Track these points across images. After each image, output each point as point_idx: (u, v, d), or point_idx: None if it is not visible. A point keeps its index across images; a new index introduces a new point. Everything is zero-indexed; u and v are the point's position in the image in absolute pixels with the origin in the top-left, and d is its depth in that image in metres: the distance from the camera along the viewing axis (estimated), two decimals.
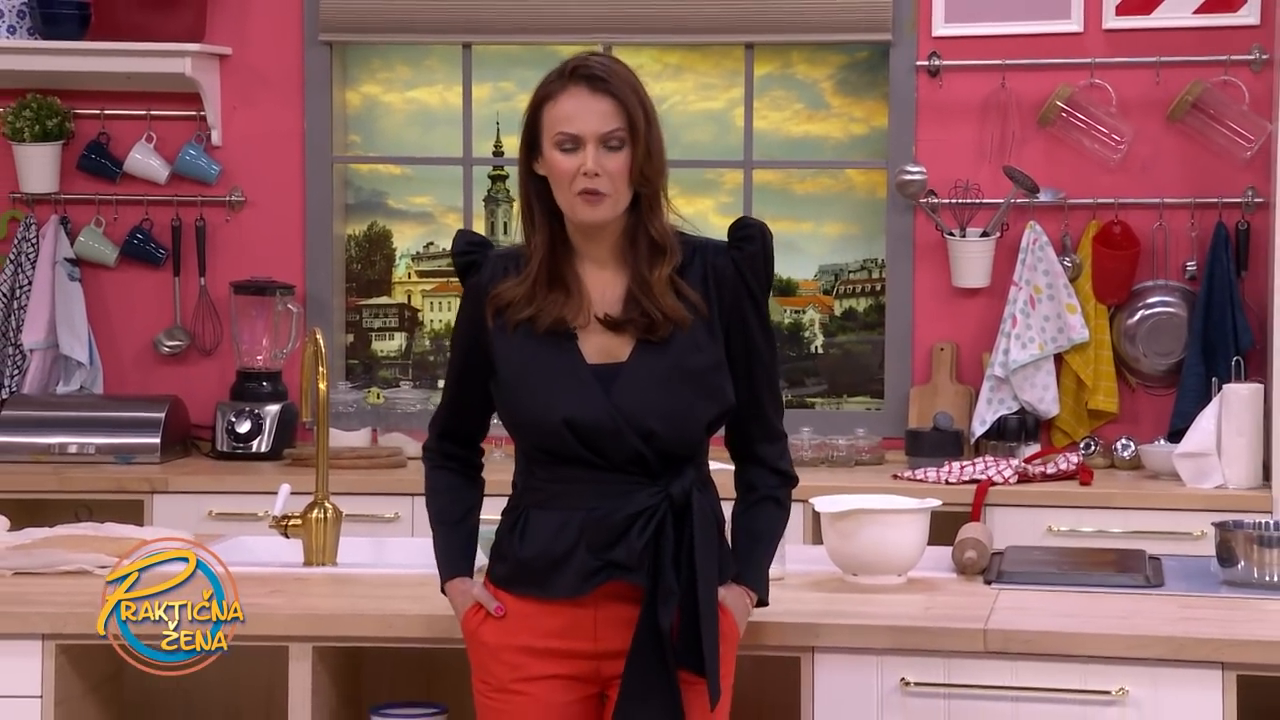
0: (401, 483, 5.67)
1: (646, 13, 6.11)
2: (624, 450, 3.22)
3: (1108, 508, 5.45)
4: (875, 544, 3.95)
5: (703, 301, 3.27)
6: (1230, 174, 5.90)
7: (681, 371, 3.25)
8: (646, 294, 3.25)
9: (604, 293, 3.28)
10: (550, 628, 3.26)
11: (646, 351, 3.25)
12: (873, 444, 5.89)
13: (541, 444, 3.26)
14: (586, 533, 3.23)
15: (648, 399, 3.23)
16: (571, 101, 3.24)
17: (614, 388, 3.23)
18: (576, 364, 3.25)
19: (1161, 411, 5.95)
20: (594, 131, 3.23)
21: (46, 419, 6.01)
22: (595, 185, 3.21)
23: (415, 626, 3.73)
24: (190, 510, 5.58)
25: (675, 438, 3.24)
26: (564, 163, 3.23)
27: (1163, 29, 5.93)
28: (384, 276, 6.51)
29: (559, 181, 3.24)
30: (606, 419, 3.22)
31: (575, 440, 3.22)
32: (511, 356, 3.28)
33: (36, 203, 6.32)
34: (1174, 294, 5.95)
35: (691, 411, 3.25)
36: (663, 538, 3.22)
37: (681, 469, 3.25)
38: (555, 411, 3.22)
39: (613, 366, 3.25)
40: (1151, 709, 3.54)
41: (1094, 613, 3.74)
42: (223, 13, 6.25)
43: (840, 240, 6.33)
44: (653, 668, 3.19)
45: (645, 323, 3.24)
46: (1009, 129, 6.01)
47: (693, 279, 3.28)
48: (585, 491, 3.25)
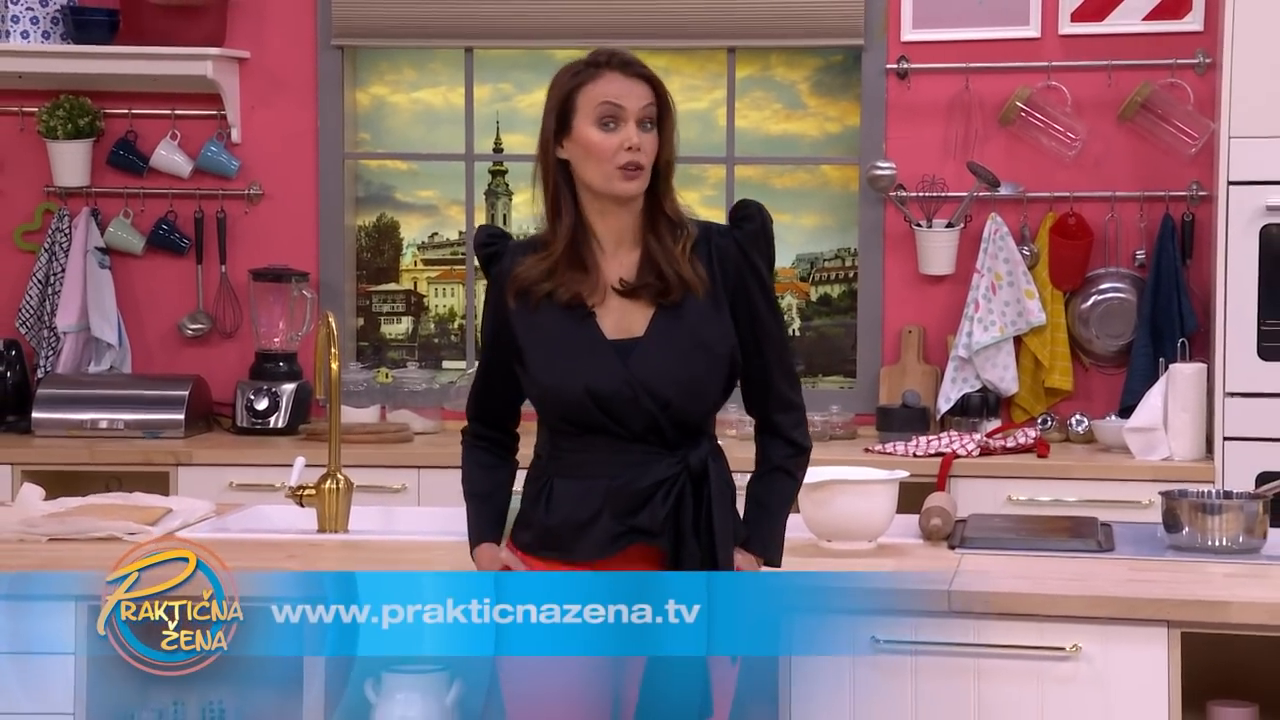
0: (408, 456, 5.68)
1: (635, 19, 6.10)
2: (641, 418, 3.21)
3: (1063, 478, 5.46)
4: (848, 512, 3.95)
5: (709, 279, 3.26)
6: (1176, 169, 5.90)
7: (694, 343, 3.23)
8: (666, 258, 3.22)
9: (620, 267, 3.26)
10: None
11: (661, 325, 3.23)
12: (846, 420, 5.90)
13: (565, 414, 3.24)
14: (610, 500, 3.22)
15: (663, 369, 3.21)
16: (613, 82, 3.21)
17: (631, 359, 3.21)
18: (596, 338, 3.23)
19: (1112, 389, 5.96)
20: (635, 107, 3.20)
21: (79, 397, 6.01)
22: (636, 159, 3.19)
23: None
24: (212, 481, 5.58)
25: (689, 406, 3.22)
26: (605, 140, 3.19)
27: (1114, 34, 5.93)
28: (392, 265, 6.51)
29: (599, 156, 3.19)
30: (625, 388, 3.20)
31: (596, 409, 3.20)
32: (535, 333, 3.25)
33: (69, 196, 6.31)
34: (1124, 281, 5.96)
35: (705, 381, 3.24)
36: (683, 505, 3.21)
37: (697, 439, 3.25)
38: (577, 382, 3.21)
39: (630, 340, 3.23)
40: (1103, 664, 3.54)
41: (1050, 575, 3.74)
42: (242, 19, 6.24)
43: (816, 231, 6.33)
44: None
45: (659, 286, 3.22)
46: (972, 127, 6.01)
47: (700, 257, 3.26)
48: (607, 460, 3.23)
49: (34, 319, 6.26)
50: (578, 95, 3.22)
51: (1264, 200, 5.34)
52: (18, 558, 3.94)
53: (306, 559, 3.94)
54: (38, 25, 6.09)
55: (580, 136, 3.21)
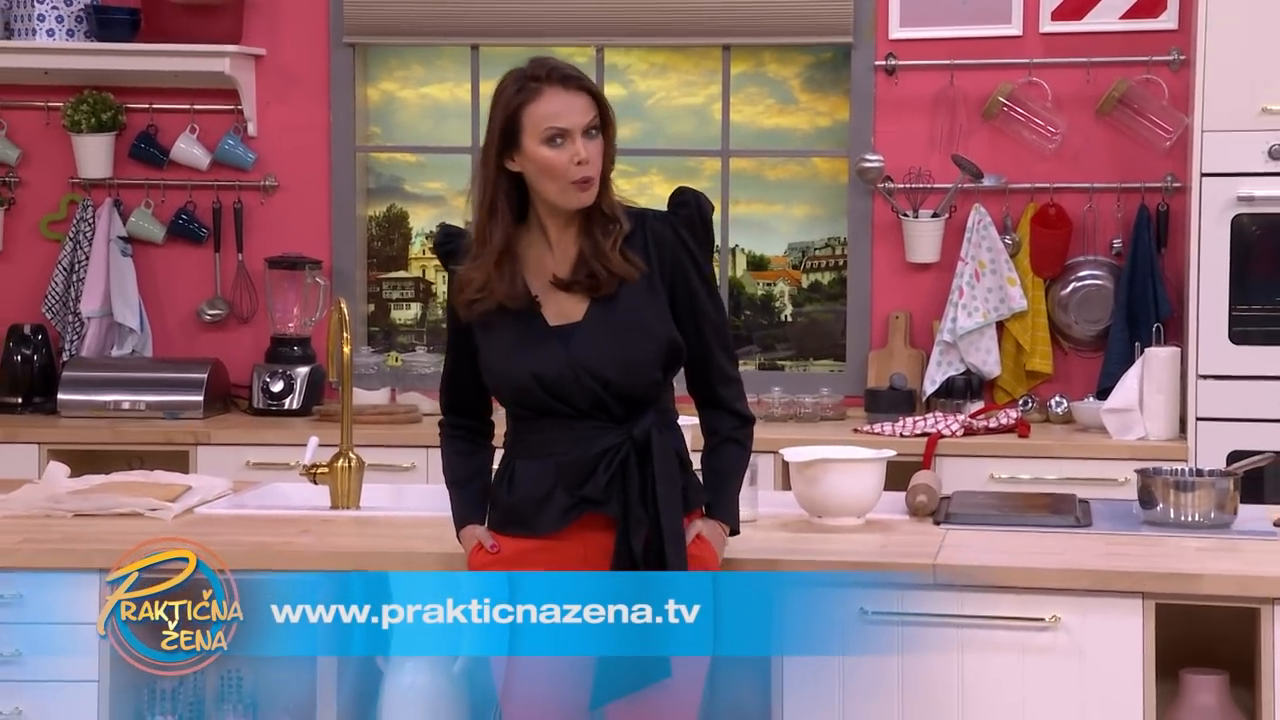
0: (417, 436, 5.68)
1: (634, 18, 6.10)
2: (586, 397, 3.25)
3: (1043, 457, 5.46)
4: (837, 489, 3.95)
5: (644, 263, 3.29)
6: (1152, 162, 5.90)
7: (630, 324, 3.27)
8: (597, 256, 3.26)
9: (558, 261, 3.30)
10: (543, 563, 3.27)
11: (598, 311, 3.27)
12: (835, 402, 5.90)
13: (516, 398, 3.30)
14: (562, 474, 3.27)
15: (601, 350, 3.25)
16: (555, 100, 3.23)
17: (571, 343, 3.26)
18: (540, 326, 3.28)
19: (1090, 372, 5.96)
20: (579, 123, 3.23)
21: (102, 379, 6.01)
22: (587, 173, 3.22)
23: (429, 562, 3.72)
24: (230, 460, 5.58)
25: (629, 382, 3.26)
26: (555, 157, 3.22)
27: (1093, 32, 5.93)
28: (401, 253, 6.51)
29: (550, 173, 3.23)
30: (567, 370, 3.24)
31: (542, 392, 3.25)
32: (485, 327, 3.31)
33: (93, 187, 6.31)
34: (1102, 268, 5.96)
35: (642, 358, 3.27)
36: (628, 473, 3.25)
37: (642, 412, 3.28)
38: (523, 367, 3.26)
39: (570, 325, 3.28)
40: (1080, 634, 3.55)
41: (1030, 549, 3.75)
42: (258, 18, 6.23)
43: (807, 221, 6.33)
44: None
45: (590, 282, 3.26)
46: (957, 121, 6.00)
47: (635, 245, 3.30)
48: (559, 439, 3.28)
49: (59, 305, 6.26)
50: (522, 114, 3.24)
51: (1235, 191, 5.34)
52: (44, 531, 3.95)
53: (320, 534, 3.95)
54: (62, 23, 6.09)
55: (531, 154, 3.24)
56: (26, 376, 6.09)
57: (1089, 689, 3.55)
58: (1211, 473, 4.03)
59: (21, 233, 6.36)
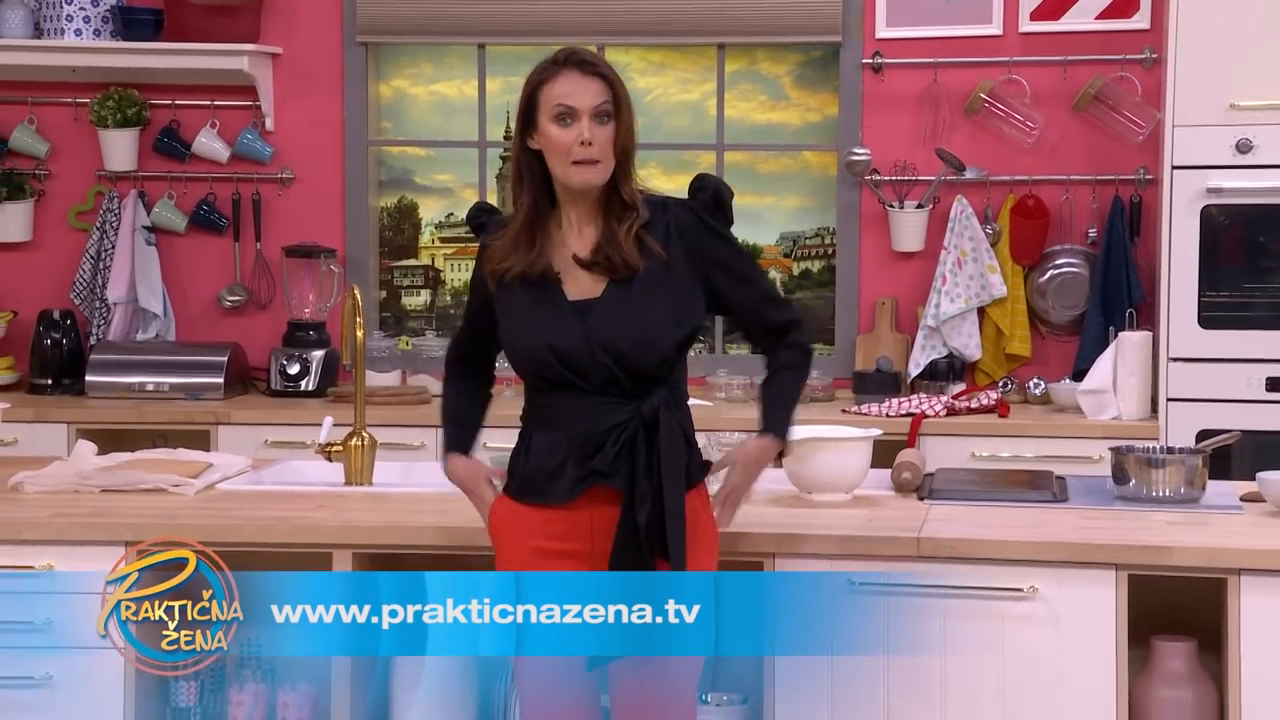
0: (427, 416, 5.66)
1: (634, 18, 6.09)
2: (600, 372, 3.24)
3: (1021, 436, 5.47)
4: (827, 467, 3.96)
5: (663, 249, 3.29)
6: (1126, 155, 5.90)
7: (645, 304, 3.26)
8: (612, 244, 3.27)
9: (580, 242, 3.30)
10: (553, 531, 3.27)
11: (615, 289, 3.27)
12: (825, 384, 5.90)
13: (534, 370, 3.29)
14: (574, 447, 3.26)
15: (616, 326, 3.25)
16: (568, 81, 3.25)
17: (589, 318, 3.26)
18: (559, 301, 3.28)
19: (1067, 355, 5.96)
20: (588, 105, 3.24)
21: (128, 362, 6.01)
22: (589, 154, 3.23)
23: (437, 536, 3.74)
24: (248, 439, 5.58)
25: (641, 358, 3.25)
26: (561, 135, 3.24)
27: (1069, 32, 5.93)
28: (411, 242, 6.51)
29: (556, 152, 3.25)
30: (582, 344, 3.24)
31: (558, 365, 3.25)
32: (508, 301, 3.31)
33: (118, 179, 6.31)
34: (1078, 256, 5.96)
35: (655, 335, 3.26)
36: (635, 448, 3.24)
37: (653, 389, 3.27)
38: (540, 341, 3.26)
39: (589, 301, 3.28)
40: (1057, 603, 3.56)
41: (1009, 523, 3.76)
42: (275, 18, 6.23)
43: (798, 212, 6.33)
44: (632, 556, 3.21)
45: (608, 265, 3.27)
46: (940, 117, 6.00)
47: (656, 231, 3.30)
48: (572, 412, 3.27)
49: (87, 291, 6.26)
50: (539, 94, 3.28)
51: (1204, 183, 5.34)
52: (73, 506, 3.96)
53: (335, 509, 3.96)
54: (89, 24, 6.08)
55: (543, 131, 3.27)
56: (56, 359, 6.09)
57: (1064, 655, 3.56)
58: (1181, 450, 4.04)
59: (51, 223, 6.36)
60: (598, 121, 3.25)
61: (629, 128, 3.29)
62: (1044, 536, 3.63)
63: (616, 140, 3.27)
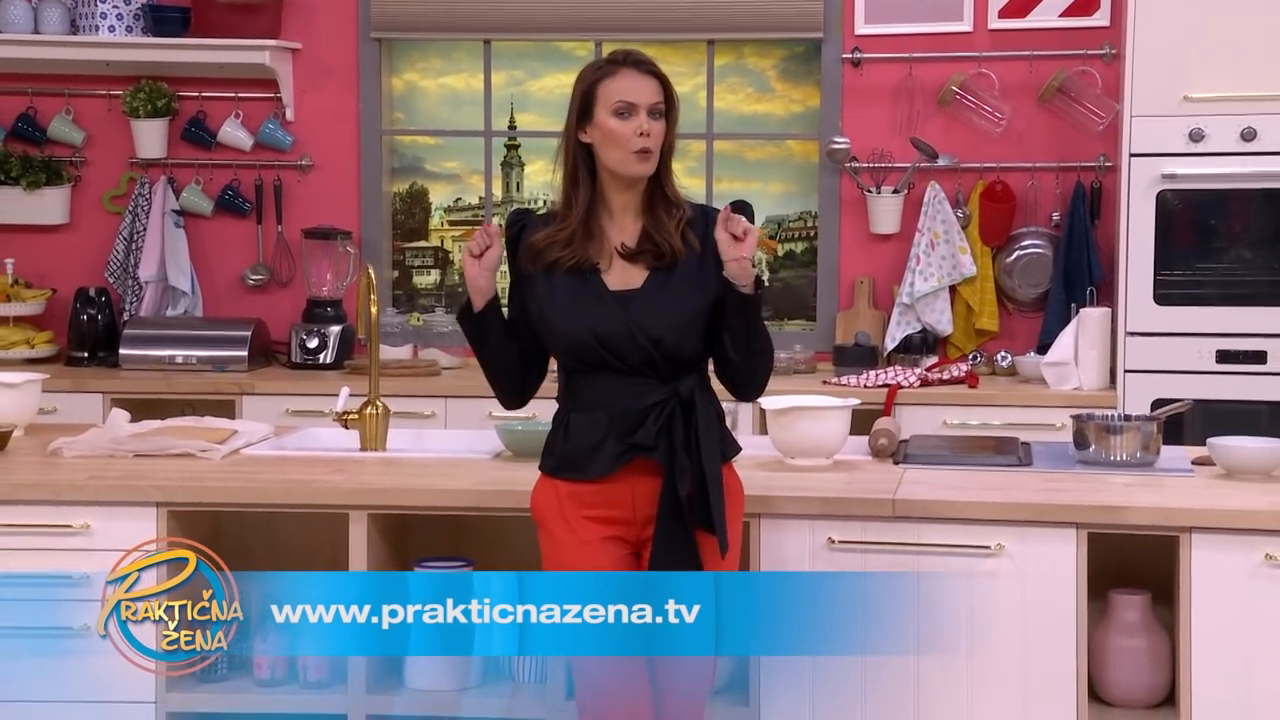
0: (437, 387, 5.69)
1: (629, 15, 6.08)
2: (639, 355, 3.24)
3: (989, 405, 5.48)
4: (808, 434, 3.96)
5: (700, 248, 3.29)
6: (1087, 144, 5.90)
7: (682, 295, 3.26)
8: (660, 232, 3.27)
9: (624, 234, 3.30)
10: (597, 502, 3.27)
11: (655, 281, 3.27)
12: (807, 357, 5.91)
13: (574, 353, 3.27)
14: (614, 423, 3.25)
15: (656, 314, 3.25)
16: (627, 79, 3.26)
17: (630, 307, 3.25)
18: (602, 291, 3.27)
19: (1032, 330, 5.97)
20: (646, 101, 3.26)
21: (158, 336, 6.01)
22: (647, 144, 3.24)
23: (448, 498, 3.75)
24: (270, 408, 5.58)
25: (678, 343, 3.25)
26: (621, 127, 3.24)
27: (1035, 29, 5.92)
28: (422, 225, 6.50)
29: (616, 142, 3.25)
30: (624, 330, 3.23)
31: (601, 348, 3.24)
32: (551, 289, 3.28)
33: (149, 166, 6.30)
34: (1042, 238, 5.96)
35: (689, 325, 3.26)
36: (674, 424, 3.23)
37: (686, 373, 3.27)
38: (584, 326, 3.24)
39: (630, 292, 3.27)
40: (1021, 559, 3.57)
41: (978, 485, 3.76)
42: (294, 15, 6.22)
43: (782, 196, 6.32)
44: (675, 526, 3.20)
45: (655, 252, 3.26)
46: (915, 108, 6.00)
47: (696, 230, 3.30)
48: (611, 393, 3.26)
49: (120, 270, 6.26)
50: (598, 89, 3.27)
51: (1160, 170, 5.34)
52: (108, 469, 3.96)
53: (351, 473, 3.96)
54: (122, 20, 6.07)
55: (601, 124, 3.25)
56: (92, 334, 6.09)
57: (1029, 607, 3.57)
58: (1138, 418, 4.05)
59: (86, 207, 6.36)
60: (652, 117, 3.26)
61: (676, 127, 3.32)
62: (1010, 498, 3.64)
63: (666, 137, 3.28)
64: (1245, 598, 3.52)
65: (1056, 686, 3.56)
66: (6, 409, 4.35)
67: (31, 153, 6.29)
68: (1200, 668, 3.54)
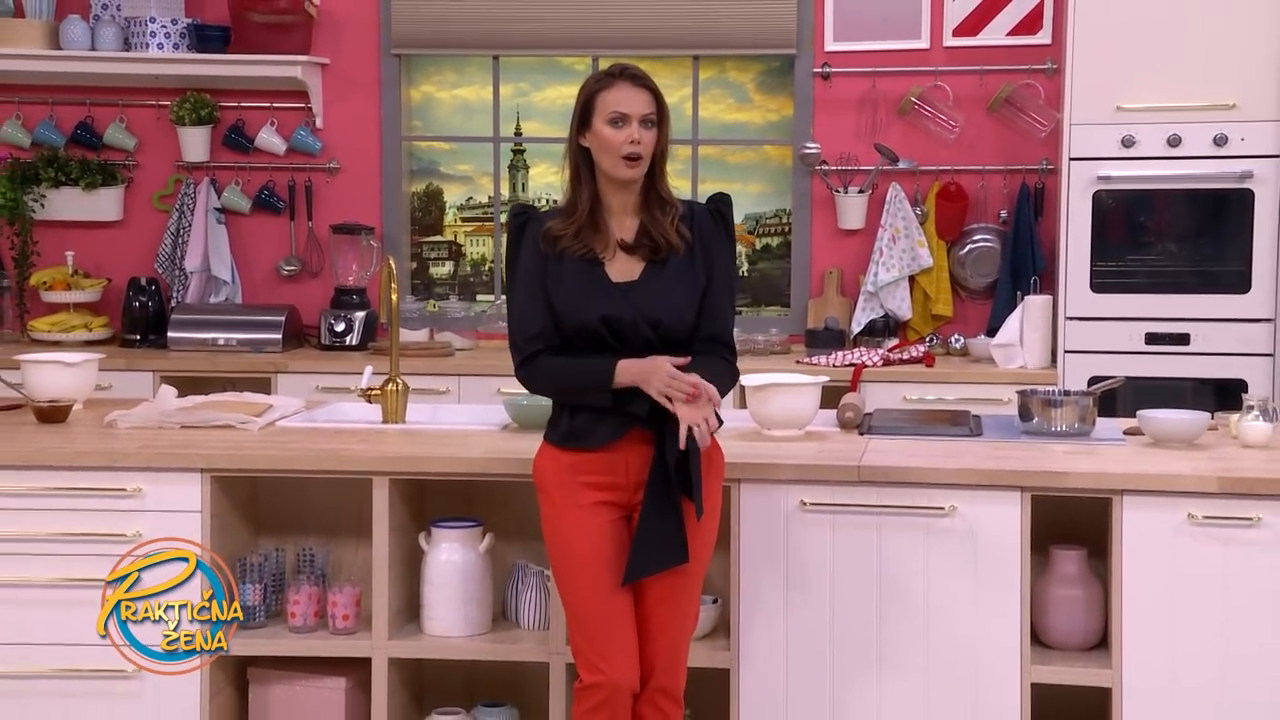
0: (451, 366, 5.68)
1: (621, 33, 6.07)
2: (639, 337, 3.25)
3: (944, 382, 5.47)
4: (783, 407, 3.97)
5: (691, 239, 3.30)
6: (1031, 149, 5.90)
7: (676, 284, 3.28)
8: (656, 229, 3.28)
9: (624, 230, 3.31)
10: (595, 469, 3.27)
11: (652, 272, 3.29)
12: (782, 339, 5.91)
13: (580, 336, 3.27)
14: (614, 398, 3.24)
15: (654, 301, 3.26)
16: (622, 91, 3.26)
17: (632, 294, 3.26)
18: (605, 281, 3.28)
19: (982, 315, 5.97)
20: (638, 112, 3.25)
21: (202, 321, 6.00)
22: (637, 151, 3.24)
23: (461, 465, 3.75)
24: (302, 385, 5.58)
25: (674, 327, 3.26)
26: (615, 135, 3.24)
27: (985, 46, 5.91)
28: (437, 221, 6.49)
29: (608, 149, 3.25)
30: (628, 314, 3.24)
31: (607, 331, 3.24)
32: (559, 278, 3.28)
33: (194, 169, 6.29)
34: (992, 233, 5.96)
35: (683, 309, 3.28)
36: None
37: (677, 355, 3.26)
38: (593, 312, 3.25)
39: (630, 282, 3.28)
40: (973, 519, 3.58)
41: (934, 453, 3.77)
42: (323, 34, 6.20)
43: (759, 196, 6.32)
44: (662, 491, 3.21)
45: (651, 246, 3.28)
46: (878, 117, 5.99)
47: (685, 224, 3.32)
48: None
49: (168, 262, 6.25)
50: (596, 100, 3.28)
51: (1096, 173, 5.34)
52: (158, 439, 3.96)
53: (374, 443, 3.96)
54: (169, 39, 6.06)
55: (597, 132, 3.26)
56: (143, 319, 6.09)
57: (980, 562, 3.58)
58: (1076, 393, 4.05)
59: (138, 205, 6.35)
60: (644, 126, 3.26)
61: (667, 134, 3.31)
62: (962, 464, 3.64)
63: (657, 144, 3.28)
64: (1170, 552, 3.53)
65: (1003, 631, 3.57)
66: (67, 386, 4.35)
67: (89, 157, 6.28)
68: (1130, 614, 3.56)
